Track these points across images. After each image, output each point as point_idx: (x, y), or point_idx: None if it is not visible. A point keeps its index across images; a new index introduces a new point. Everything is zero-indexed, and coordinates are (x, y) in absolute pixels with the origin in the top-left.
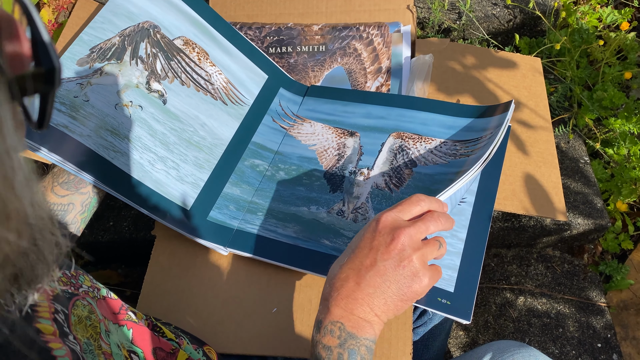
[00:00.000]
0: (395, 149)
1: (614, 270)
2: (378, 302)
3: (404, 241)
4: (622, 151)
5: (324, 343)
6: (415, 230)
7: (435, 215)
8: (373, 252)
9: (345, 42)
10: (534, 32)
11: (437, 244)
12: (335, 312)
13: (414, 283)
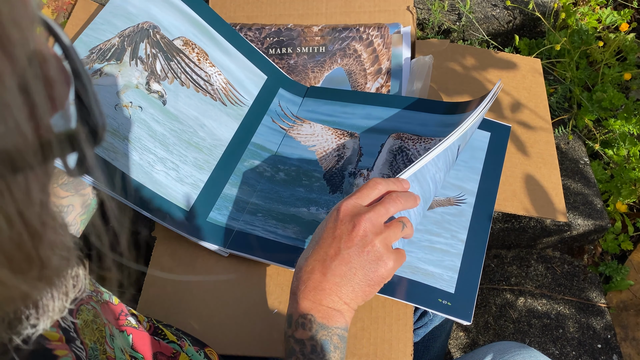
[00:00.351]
0: (395, 149)
1: (614, 271)
2: (346, 290)
3: (365, 227)
4: (622, 152)
5: (296, 337)
6: (375, 215)
7: (393, 196)
8: (336, 241)
9: (345, 43)
10: (533, 33)
11: (399, 225)
12: (305, 305)
13: (380, 267)
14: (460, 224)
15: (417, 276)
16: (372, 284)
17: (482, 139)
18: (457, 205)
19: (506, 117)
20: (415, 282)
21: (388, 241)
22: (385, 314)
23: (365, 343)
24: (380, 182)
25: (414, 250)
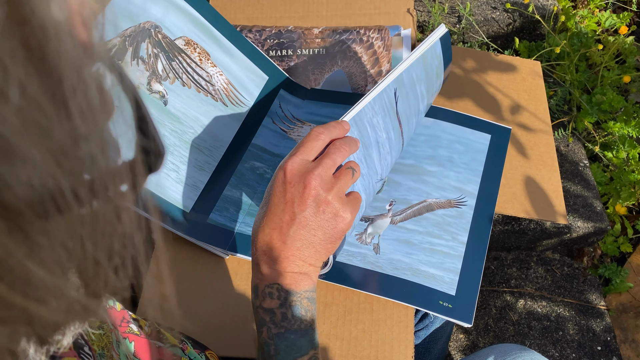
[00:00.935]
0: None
1: (613, 273)
2: (308, 252)
3: (316, 185)
4: (621, 154)
5: (264, 307)
6: (323, 169)
7: (337, 144)
8: (289, 206)
9: (346, 45)
10: (533, 35)
11: (349, 172)
12: (269, 274)
13: (338, 223)
14: (461, 226)
15: (418, 278)
16: (333, 240)
17: (482, 141)
18: (457, 208)
19: (506, 120)
20: (416, 285)
21: (341, 193)
22: (386, 316)
23: (366, 345)
24: (322, 131)
25: (414, 253)
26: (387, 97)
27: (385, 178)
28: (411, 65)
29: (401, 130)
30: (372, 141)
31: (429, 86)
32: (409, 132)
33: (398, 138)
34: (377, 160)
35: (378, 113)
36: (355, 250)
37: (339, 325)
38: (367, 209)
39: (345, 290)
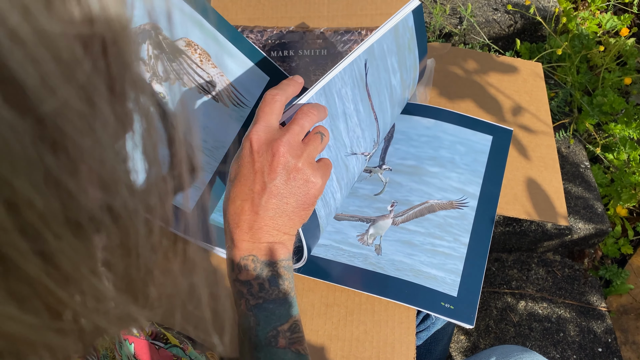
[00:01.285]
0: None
1: (614, 274)
2: (282, 221)
3: (284, 152)
4: (622, 156)
5: (241, 280)
6: (291, 136)
7: (305, 109)
8: (258, 175)
9: (347, 46)
10: (534, 37)
11: (318, 137)
12: (244, 247)
13: (310, 189)
14: (463, 227)
15: (419, 279)
16: (306, 206)
17: (484, 142)
18: (459, 209)
19: (507, 121)
20: (417, 286)
21: (311, 159)
22: (387, 317)
23: (368, 346)
24: (276, 92)
25: (416, 254)
26: (357, 68)
27: (365, 153)
28: (382, 37)
29: (371, 103)
30: (339, 112)
31: (401, 59)
32: (381, 107)
33: (368, 111)
34: (344, 131)
35: (347, 84)
36: (356, 251)
37: (340, 326)
38: (368, 209)
39: (346, 291)
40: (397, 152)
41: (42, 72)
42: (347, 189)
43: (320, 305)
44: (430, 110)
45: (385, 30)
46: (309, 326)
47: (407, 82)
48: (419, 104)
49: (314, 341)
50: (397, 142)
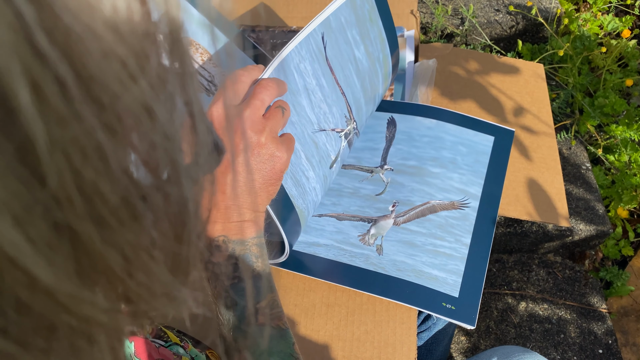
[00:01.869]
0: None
1: (615, 276)
2: (250, 198)
3: (245, 128)
4: (623, 158)
5: (214, 261)
6: (251, 111)
7: (263, 83)
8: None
9: None
10: (535, 38)
11: (279, 111)
12: (213, 228)
13: (275, 164)
14: (464, 227)
15: (421, 280)
16: (272, 182)
17: (486, 143)
18: (460, 209)
19: (509, 122)
20: (419, 286)
21: (274, 133)
22: (389, 318)
23: (369, 346)
24: (242, 72)
25: (417, 254)
26: (314, 42)
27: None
28: (338, 9)
29: (335, 78)
30: (300, 87)
31: (363, 31)
32: (348, 82)
33: (333, 86)
34: (308, 107)
35: (305, 58)
36: (358, 251)
37: (341, 326)
38: (369, 209)
39: (347, 291)
40: (399, 152)
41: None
42: (321, 167)
43: (322, 305)
44: (432, 111)
45: (341, 2)
46: (310, 326)
47: (374, 54)
48: (421, 104)
49: (315, 341)
50: (399, 143)
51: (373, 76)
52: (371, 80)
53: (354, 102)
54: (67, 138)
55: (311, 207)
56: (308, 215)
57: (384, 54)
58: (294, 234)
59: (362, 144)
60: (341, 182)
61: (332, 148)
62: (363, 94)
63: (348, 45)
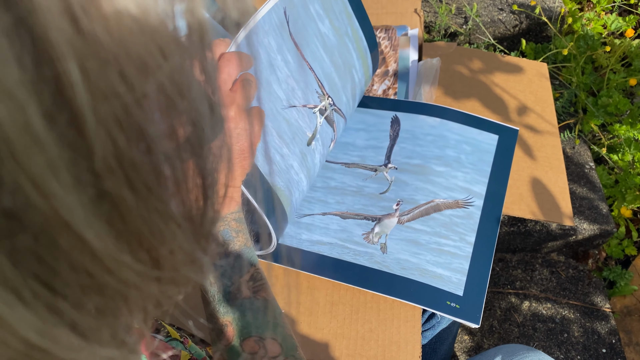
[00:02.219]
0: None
1: (618, 276)
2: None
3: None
4: (627, 157)
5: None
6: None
7: (227, 57)
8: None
9: None
10: (539, 37)
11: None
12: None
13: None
14: (469, 226)
15: (425, 278)
16: (245, 155)
17: (490, 142)
18: (465, 208)
19: (513, 121)
20: (423, 285)
21: (242, 107)
22: (393, 316)
23: (373, 345)
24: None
25: (422, 253)
26: (277, 16)
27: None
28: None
29: (301, 53)
30: (265, 63)
31: (326, 5)
32: (315, 56)
33: (299, 61)
34: (275, 84)
35: (269, 33)
36: (362, 250)
37: (345, 324)
38: (373, 207)
39: (351, 290)
40: (403, 150)
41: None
42: (296, 145)
43: (326, 304)
44: (436, 109)
45: None
46: (313, 324)
47: (342, 28)
48: (425, 103)
49: (319, 339)
50: (403, 141)
51: (344, 51)
52: (342, 55)
53: (324, 77)
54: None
55: (294, 187)
56: (291, 195)
57: (353, 28)
58: (279, 218)
59: (365, 142)
60: (345, 180)
61: (307, 125)
62: (334, 69)
63: (312, 20)
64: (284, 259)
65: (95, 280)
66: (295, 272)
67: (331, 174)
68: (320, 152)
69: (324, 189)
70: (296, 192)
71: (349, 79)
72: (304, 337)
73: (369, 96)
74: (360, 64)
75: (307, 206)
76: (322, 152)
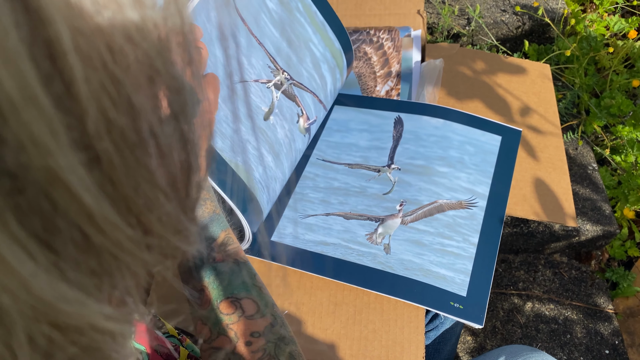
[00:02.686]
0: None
1: (621, 277)
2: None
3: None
4: (630, 158)
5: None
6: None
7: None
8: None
9: (356, 46)
10: (542, 39)
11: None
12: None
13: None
14: (472, 227)
15: (429, 279)
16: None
17: (493, 143)
18: (468, 209)
19: (516, 122)
20: (427, 285)
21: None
22: (397, 317)
23: (377, 345)
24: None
25: (425, 253)
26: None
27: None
28: None
29: (248, 28)
30: (213, 38)
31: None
32: (263, 32)
33: (247, 36)
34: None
35: (214, 8)
36: (365, 250)
37: (349, 325)
38: (377, 208)
39: (355, 290)
40: (406, 151)
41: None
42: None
43: (329, 304)
44: (439, 110)
45: None
46: (317, 325)
47: (291, 3)
48: (428, 104)
49: (322, 339)
50: (406, 142)
51: (296, 25)
52: (294, 30)
53: (276, 52)
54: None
55: (254, 161)
56: (252, 170)
57: (304, 3)
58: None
59: (369, 143)
60: (348, 181)
61: (261, 99)
62: (287, 43)
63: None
64: (288, 259)
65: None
66: (298, 272)
67: (334, 174)
68: (284, 127)
69: (327, 189)
70: (259, 167)
71: (307, 53)
72: (307, 338)
73: (372, 97)
74: (319, 37)
75: (311, 207)
76: (287, 127)
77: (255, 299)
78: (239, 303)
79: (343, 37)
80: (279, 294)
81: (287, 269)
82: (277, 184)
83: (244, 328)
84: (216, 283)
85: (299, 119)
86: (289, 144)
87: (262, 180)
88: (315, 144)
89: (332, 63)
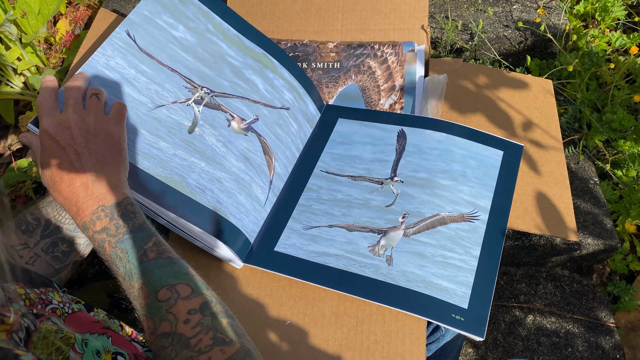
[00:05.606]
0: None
1: (622, 291)
2: (108, 169)
3: (76, 122)
4: (631, 173)
5: (98, 230)
6: (73, 110)
7: (67, 86)
8: (68, 148)
9: (360, 60)
10: (544, 54)
11: (94, 98)
12: (90, 204)
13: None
14: (474, 240)
15: (430, 291)
16: (119, 151)
17: (495, 157)
18: (470, 222)
19: (518, 136)
20: (428, 297)
21: (100, 116)
22: (398, 328)
23: (378, 356)
24: (44, 88)
25: (427, 265)
26: (119, 39)
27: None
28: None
29: (157, 60)
30: (118, 80)
31: (176, 14)
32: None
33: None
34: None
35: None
36: (368, 262)
37: (350, 336)
38: (379, 220)
39: (357, 301)
40: (409, 164)
41: None
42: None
43: (331, 315)
44: (442, 125)
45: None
46: (319, 335)
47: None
48: (431, 118)
49: (324, 350)
50: (409, 155)
51: (209, 45)
52: (207, 49)
53: (191, 73)
54: None
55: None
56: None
57: (214, 23)
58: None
59: (372, 155)
60: (351, 193)
61: (183, 117)
62: (202, 63)
63: (162, 30)
64: (290, 269)
65: None
66: (301, 283)
67: (338, 186)
68: (214, 135)
69: (331, 201)
70: (192, 174)
71: (225, 66)
72: (309, 348)
73: (375, 110)
74: (236, 49)
75: (314, 218)
76: (219, 133)
77: (189, 283)
78: (174, 288)
79: (261, 41)
80: (282, 304)
81: (290, 279)
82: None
83: (181, 308)
84: (152, 277)
85: (229, 122)
86: (224, 145)
87: (199, 185)
88: (319, 156)
89: (258, 66)
